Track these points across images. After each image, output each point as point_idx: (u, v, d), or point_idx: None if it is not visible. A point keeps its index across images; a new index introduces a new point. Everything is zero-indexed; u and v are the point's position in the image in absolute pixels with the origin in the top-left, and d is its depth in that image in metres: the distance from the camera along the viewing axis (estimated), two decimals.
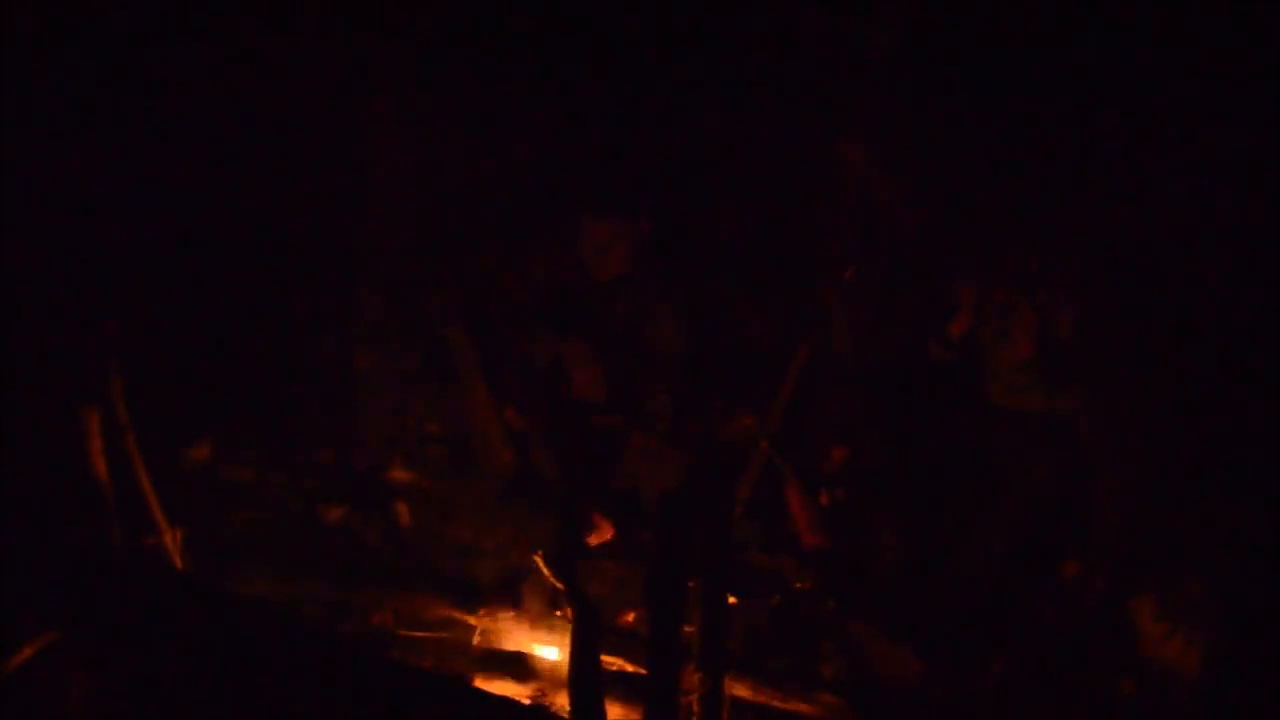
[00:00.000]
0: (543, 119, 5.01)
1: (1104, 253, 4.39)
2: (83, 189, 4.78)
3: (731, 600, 4.01)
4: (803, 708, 4.13)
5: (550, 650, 4.30)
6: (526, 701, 4.12)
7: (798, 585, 4.61)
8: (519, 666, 4.29)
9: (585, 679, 3.79)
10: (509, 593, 4.41)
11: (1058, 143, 4.52)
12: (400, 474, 5.16)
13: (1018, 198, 4.53)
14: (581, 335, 3.83)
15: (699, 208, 4.84)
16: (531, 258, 4.15)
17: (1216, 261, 4.31)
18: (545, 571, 4.12)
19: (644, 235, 3.86)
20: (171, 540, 4.26)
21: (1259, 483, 4.12)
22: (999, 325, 4.33)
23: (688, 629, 3.83)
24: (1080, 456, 4.35)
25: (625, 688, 4.04)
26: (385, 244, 5.25)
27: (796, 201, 5.02)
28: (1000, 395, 4.39)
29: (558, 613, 4.26)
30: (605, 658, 3.96)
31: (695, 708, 3.80)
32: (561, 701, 4.03)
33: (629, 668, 4.14)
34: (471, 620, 4.48)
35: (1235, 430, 4.19)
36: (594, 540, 3.79)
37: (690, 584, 3.83)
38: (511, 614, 4.41)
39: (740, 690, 4.09)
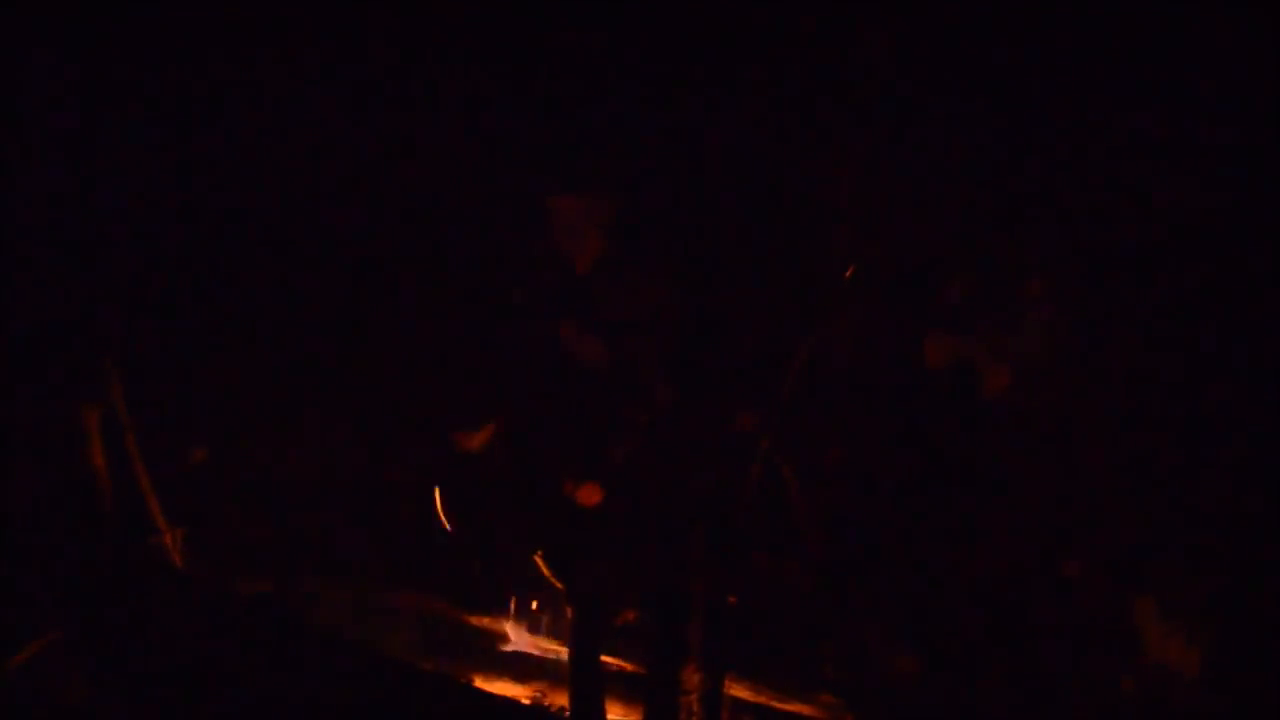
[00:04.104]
0: (517, 101, 5.01)
1: (1105, 252, 4.39)
2: (83, 188, 4.78)
3: (731, 600, 4.01)
4: (803, 708, 4.13)
5: (550, 650, 4.30)
6: (526, 701, 4.13)
7: (798, 585, 4.60)
8: (519, 666, 4.29)
9: (585, 679, 3.79)
10: (509, 593, 4.42)
11: (1056, 141, 4.52)
12: (400, 472, 5.16)
13: (1017, 197, 4.53)
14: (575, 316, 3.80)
15: (683, 195, 4.83)
16: (512, 249, 4.12)
17: (1217, 259, 4.31)
18: (545, 571, 4.12)
19: (614, 213, 3.83)
20: (171, 540, 4.27)
21: (1259, 482, 4.12)
22: (998, 325, 4.33)
23: (688, 629, 3.83)
24: (1080, 457, 4.35)
25: (625, 688, 4.04)
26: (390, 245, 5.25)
27: (795, 200, 5.01)
28: (1000, 395, 4.39)
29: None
30: (605, 658, 3.96)
31: (695, 708, 3.80)
32: (561, 701, 4.03)
33: (629, 668, 4.15)
34: (472, 620, 4.49)
35: (1236, 429, 4.19)
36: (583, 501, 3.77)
37: (691, 584, 3.83)
38: (512, 614, 4.42)
39: (740, 690, 4.09)
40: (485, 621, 4.48)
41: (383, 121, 5.17)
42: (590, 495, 3.71)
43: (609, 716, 3.87)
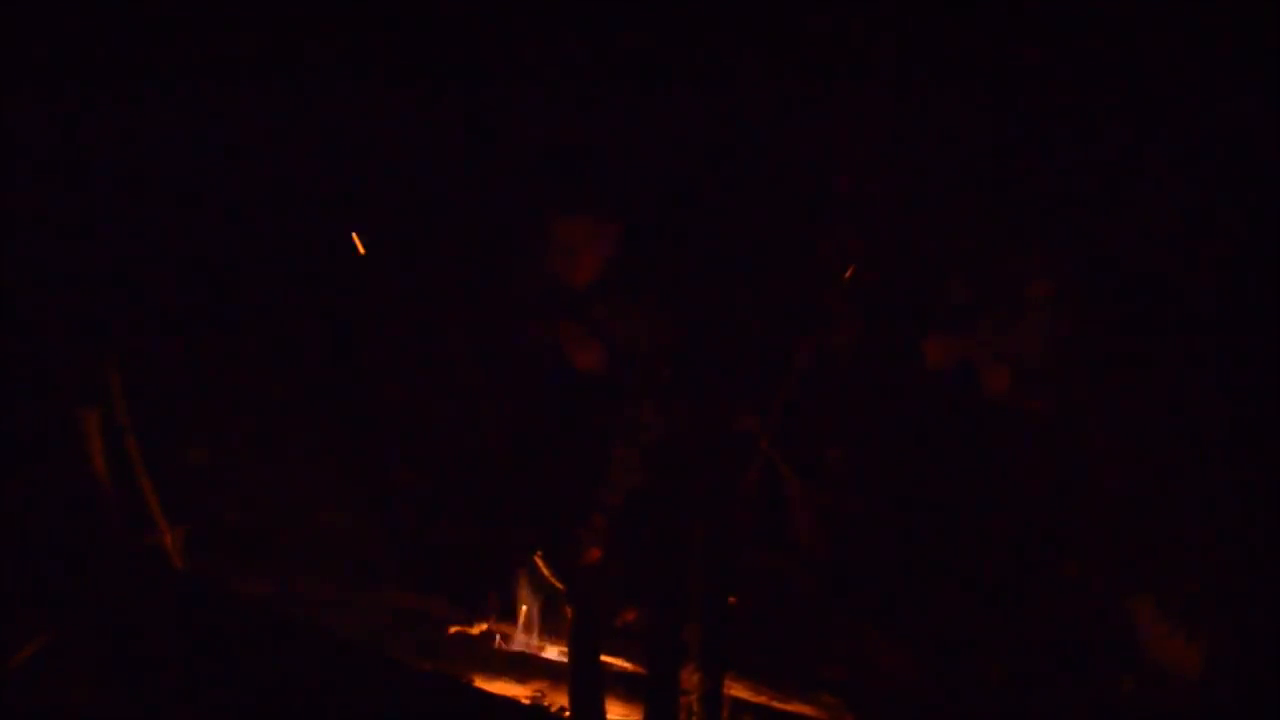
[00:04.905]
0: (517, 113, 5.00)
1: (1104, 251, 4.39)
2: (83, 188, 4.78)
3: (731, 600, 4.01)
4: (803, 708, 4.13)
5: (550, 650, 4.31)
6: (526, 701, 4.13)
7: (798, 585, 4.60)
8: (519, 666, 4.29)
9: (585, 679, 3.79)
10: (509, 593, 4.41)
11: (1056, 140, 4.52)
12: (400, 474, 5.16)
13: (1016, 196, 4.53)
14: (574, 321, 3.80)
15: (686, 209, 4.83)
16: (507, 267, 4.10)
17: (1216, 259, 4.31)
18: (545, 571, 4.12)
19: (617, 237, 3.81)
20: (171, 540, 4.27)
21: (1258, 482, 4.12)
22: (998, 325, 4.33)
23: (687, 629, 3.83)
24: (1080, 456, 4.35)
25: (625, 688, 4.04)
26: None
27: (794, 201, 5.01)
28: (1000, 395, 4.39)
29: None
30: (605, 658, 3.96)
31: (695, 708, 3.80)
32: (561, 701, 4.03)
33: (629, 668, 4.15)
34: (471, 621, 4.49)
35: (1235, 429, 4.19)
36: (584, 560, 3.77)
37: (691, 584, 3.83)
38: (511, 614, 4.41)
39: (740, 690, 4.09)
40: (485, 622, 4.47)
41: (385, 131, 5.18)
42: (592, 554, 3.74)
43: (609, 716, 3.87)
